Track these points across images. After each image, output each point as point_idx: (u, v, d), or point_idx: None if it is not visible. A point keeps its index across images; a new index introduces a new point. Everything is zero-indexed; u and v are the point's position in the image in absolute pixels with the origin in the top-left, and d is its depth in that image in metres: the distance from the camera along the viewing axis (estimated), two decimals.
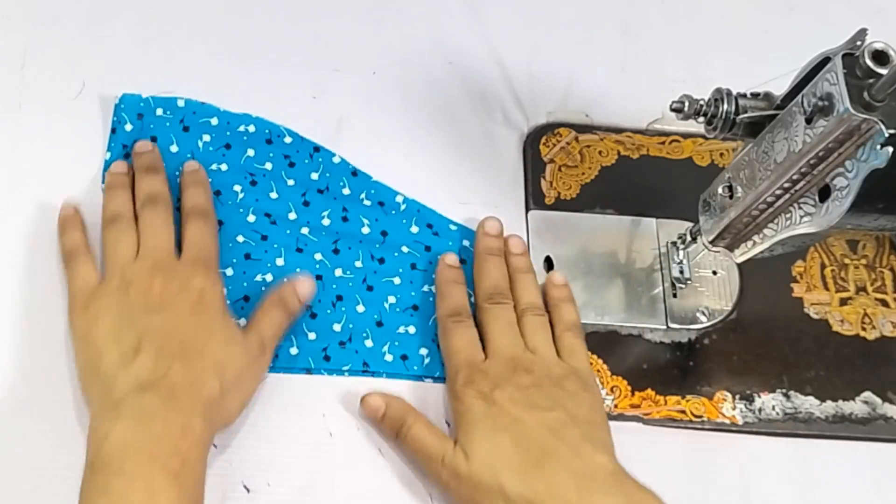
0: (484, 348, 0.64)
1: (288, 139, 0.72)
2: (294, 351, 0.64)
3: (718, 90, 0.57)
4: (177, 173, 0.69)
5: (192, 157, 0.69)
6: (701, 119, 0.57)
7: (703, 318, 0.69)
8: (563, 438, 0.57)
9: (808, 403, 0.67)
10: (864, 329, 0.70)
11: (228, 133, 0.71)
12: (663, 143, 0.77)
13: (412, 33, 0.80)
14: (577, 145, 0.76)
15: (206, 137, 0.71)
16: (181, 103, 0.72)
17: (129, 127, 0.70)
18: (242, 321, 0.63)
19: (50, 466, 0.58)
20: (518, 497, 0.55)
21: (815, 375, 0.68)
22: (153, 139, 0.70)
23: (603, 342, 0.67)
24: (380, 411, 0.61)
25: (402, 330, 0.66)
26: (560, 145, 0.75)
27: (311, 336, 0.65)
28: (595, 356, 0.67)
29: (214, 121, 0.71)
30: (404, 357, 0.65)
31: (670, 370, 0.68)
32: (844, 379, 0.68)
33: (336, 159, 0.72)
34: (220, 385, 0.56)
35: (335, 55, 0.78)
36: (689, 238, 0.67)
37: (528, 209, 0.73)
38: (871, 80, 0.48)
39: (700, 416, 0.66)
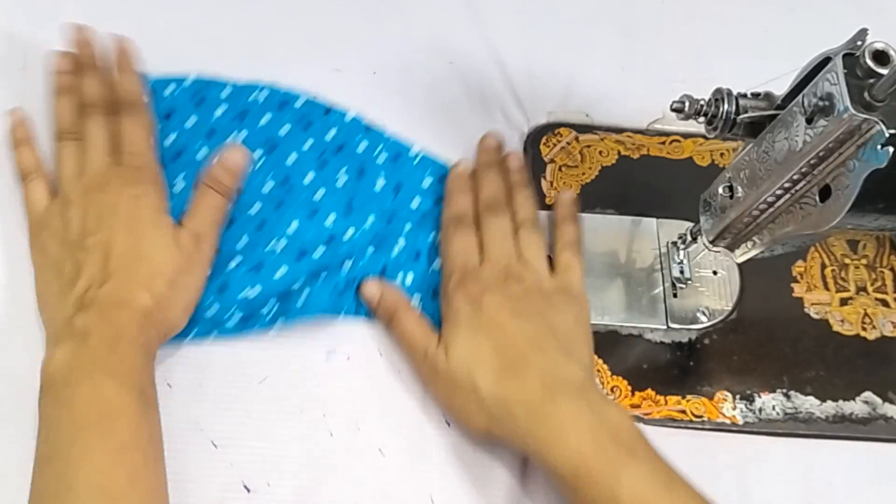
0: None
1: (300, 102, 0.73)
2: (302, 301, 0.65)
3: (719, 90, 0.57)
4: (195, 147, 0.70)
5: (209, 130, 0.71)
6: (701, 119, 0.57)
7: (704, 318, 0.69)
8: (539, 348, 0.59)
9: (808, 403, 0.67)
10: (864, 329, 0.70)
11: (241, 102, 0.73)
12: (664, 143, 0.77)
13: (412, 33, 0.80)
14: (577, 145, 0.76)
15: (221, 109, 0.72)
16: (188, 82, 0.73)
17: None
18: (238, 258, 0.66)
19: None
20: (489, 396, 0.58)
21: (815, 375, 0.68)
22: (167, 116, 0.71)
23: (603, 342, 0.67)
24: (374, 299, 0.65)
25: (399, 277, 0.67)
26: (560, 145, 0.75)
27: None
28: (595, 356, 0.66)
29: (226, 92, 0.73)
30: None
31: (670, 370, 0.68)
32: (845, 379, 0.68)
33: (348, 117, 0.73)
34: (152, 297, 0.58)
35: (335, 55, 0.77)
36: (689, 238, 0.67)
37: None
38: (871, 80, 0.47)
39: (700, 416, 0.66)
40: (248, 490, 0.59)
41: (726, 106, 0.56)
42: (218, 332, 0.63)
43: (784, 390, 0.67)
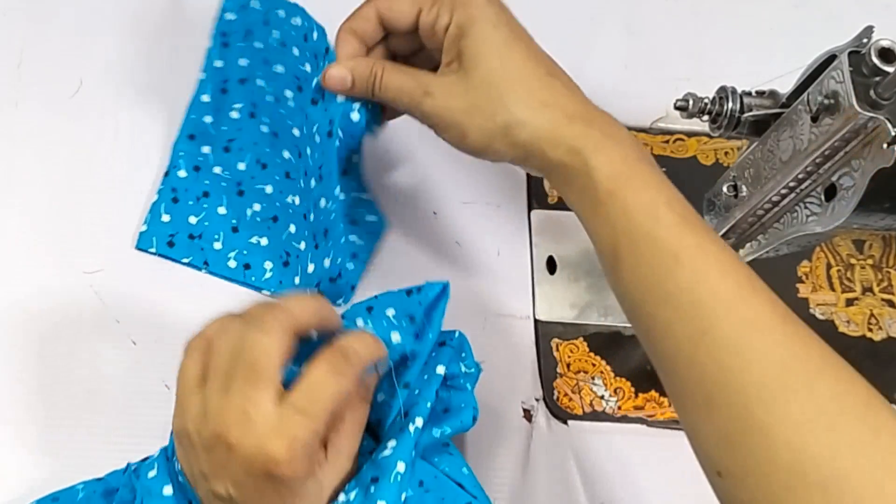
0: None
1: (315, 34, 0.65)
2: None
3: (723, 88, 0.56)
4: (257, 73, 0.68)
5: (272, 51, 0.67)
6: (705, 117, 0.57)
7: None
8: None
9: None
10: (870, 330, 0.70)
11: (285, 27, 0.66)
12: (667, 141, 0.76)
13: None
14: None
15: (276, 33, 0.67)
16: (256, 4, 0.67)
17: (230, 16, 0.67)
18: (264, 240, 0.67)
19: None
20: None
21: None
22: (248, 32, 0.67)
23: (606, 343, 0.67)
24: (347, 81, 0.58)
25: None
26: None
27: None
28: (599, 357, 0.66)
29: (282, 13, 0.66)
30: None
31: None
32: None
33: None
34: None
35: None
36: None
37: (530, 208, 0.72)
38: (877, 78, 0.47)
39: None
40: None
41: (730, 104, 0.56)
42: (212, 267, 0.65)
43: None
